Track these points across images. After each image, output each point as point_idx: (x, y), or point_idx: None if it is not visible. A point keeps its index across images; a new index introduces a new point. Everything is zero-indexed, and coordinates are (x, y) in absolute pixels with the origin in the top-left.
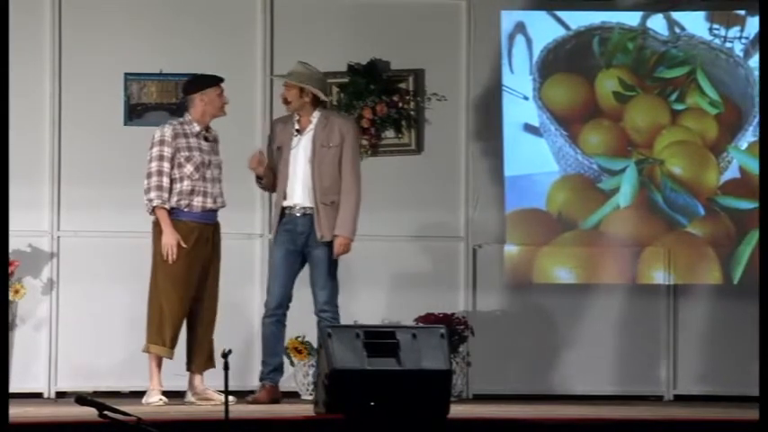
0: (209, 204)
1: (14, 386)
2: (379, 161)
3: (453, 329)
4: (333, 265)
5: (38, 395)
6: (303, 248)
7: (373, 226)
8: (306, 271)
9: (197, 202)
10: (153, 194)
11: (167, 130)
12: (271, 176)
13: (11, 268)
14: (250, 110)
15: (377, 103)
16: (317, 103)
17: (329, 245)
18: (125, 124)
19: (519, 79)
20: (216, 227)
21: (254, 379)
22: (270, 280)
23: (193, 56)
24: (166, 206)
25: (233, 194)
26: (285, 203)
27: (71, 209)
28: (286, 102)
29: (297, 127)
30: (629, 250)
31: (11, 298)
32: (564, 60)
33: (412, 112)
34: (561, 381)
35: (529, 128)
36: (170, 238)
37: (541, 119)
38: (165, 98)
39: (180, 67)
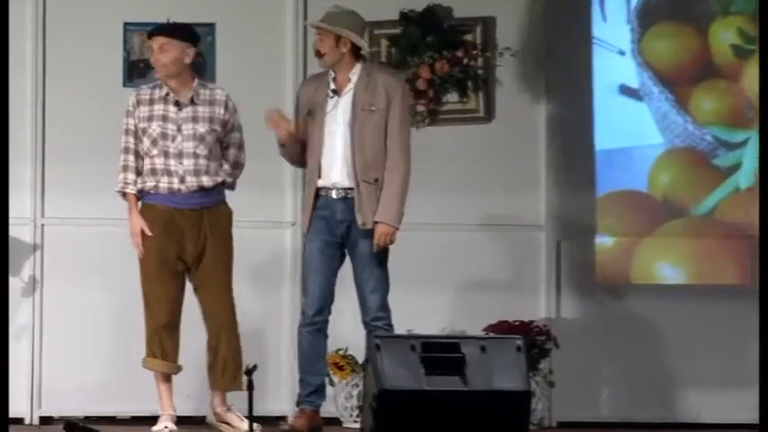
0: (176, 185)
1: None
2: (438, 131)
3: (532, 341)
4: (382, 260)
5: (18, 421)
6: (343, 240)
7: (431, 213)
8: (347, 267)
9: (163, 182)
10: (119, 177)
11: (132, 98)
12: (298, 148)
13: None
14: (279, 68)
15: (436, 59)
16: (357, 55)
17: (373, 234)
18: (124, 85)
19: (613, 29)
20: (202, 214)
21: (285, 401)
22: (306, 280)
23: (208, 0)
24: (129, 189)
25: (255, 173)
26: (320, 183)
27: (57, 191)
28: (319, 54)
29: (333, 86)
30: (751, 242)
31: None
32: (670, 5)
33: (480, 71)
34: (667, 405)
35: (626, 90)
36: (133, 226)
37: (642, 79)
38: None
39: (192, 16)
